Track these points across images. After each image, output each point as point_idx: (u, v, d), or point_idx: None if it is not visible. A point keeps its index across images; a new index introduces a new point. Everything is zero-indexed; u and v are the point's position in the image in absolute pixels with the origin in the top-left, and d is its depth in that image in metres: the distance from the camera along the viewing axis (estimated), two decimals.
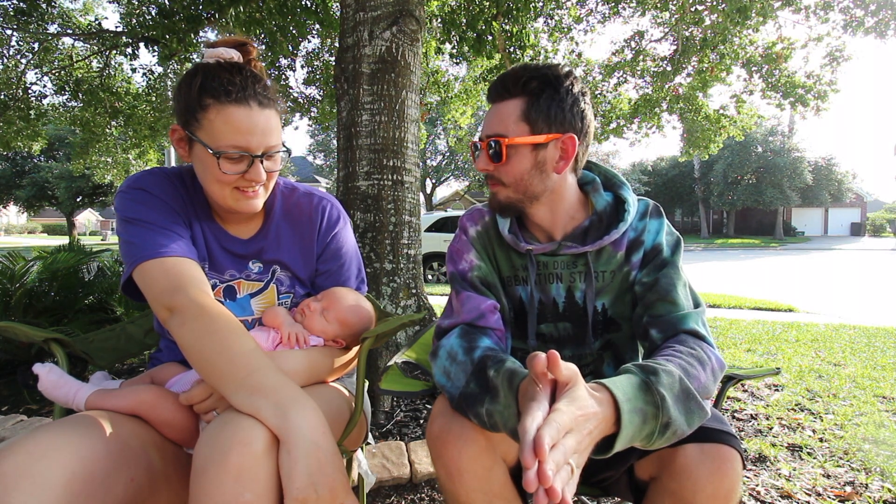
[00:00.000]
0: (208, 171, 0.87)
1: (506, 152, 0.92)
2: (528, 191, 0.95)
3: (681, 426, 0.71)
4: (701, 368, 0.79)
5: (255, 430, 0.70)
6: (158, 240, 0.87)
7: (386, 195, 2.22)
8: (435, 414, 0.88)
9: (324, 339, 1.00)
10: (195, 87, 0.85)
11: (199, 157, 0.88)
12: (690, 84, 6.40)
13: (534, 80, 0.91)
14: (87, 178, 18.50)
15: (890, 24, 4.88)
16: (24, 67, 6.57)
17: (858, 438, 2.12)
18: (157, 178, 0.95)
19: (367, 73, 2.21)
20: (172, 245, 0.87)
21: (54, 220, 45.32)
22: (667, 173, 37.59)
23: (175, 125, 0.90)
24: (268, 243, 1.03)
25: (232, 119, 0.84)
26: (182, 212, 0.95)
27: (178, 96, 0.88)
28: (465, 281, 1.02)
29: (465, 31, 4.61)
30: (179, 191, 0.97)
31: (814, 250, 22.26)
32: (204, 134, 0.85)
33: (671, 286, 0.92)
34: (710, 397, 0.80)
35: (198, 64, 0.89)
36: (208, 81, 0.84)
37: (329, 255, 1.08)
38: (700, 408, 0.74)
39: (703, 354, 0.82)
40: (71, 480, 0.63)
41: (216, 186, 0.89)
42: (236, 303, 1.01)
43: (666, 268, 0.95)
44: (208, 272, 0.99)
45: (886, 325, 4.91)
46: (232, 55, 0.90)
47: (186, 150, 0.91)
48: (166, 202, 0.93)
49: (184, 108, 0.87)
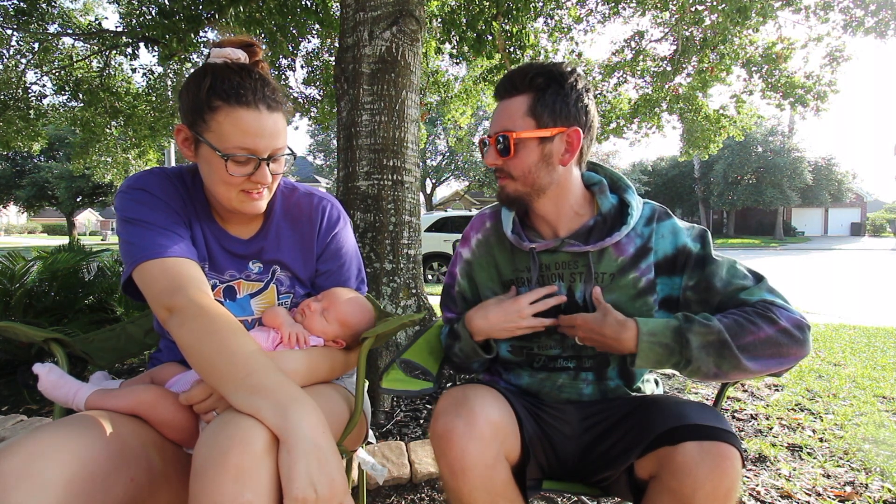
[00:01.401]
0: (215, 172, 0.88)
1: (514, 146, 0.96)
2: (535, 183, 0.99)
3: (708, 367, 0.86)
4: (764, 324, 0.87)
5: (254, 430, 0.70)
6: (158, 240, 0.87)
7: (386, 195, 2.22)
8: (438, 412, 0.88)
9: (324, 339, 1.00)
10: (204, 89, 0.84)
11: (205, 157, 0.88)
12: (690, 84, 6.40)
13: (539, 77, 0.94)
14: (87, 178, 18.49)
15: (890, 24, 4.88)
16: (24, 67, 6.57)
17: (858, 438, 2.12)
18: (158, 179, 0.95)
19: (367, 73, 2.21)
20: (173, 246, 0.87)
21: (54, 220, 45.31)
22: (667, 173, 37.58)
23: (181, 125, 0.89)
24: (268, 243, 1.03)
25: (241, 122, 0.84)
26: (182, 212, 0.95)
27: (185, 96, 0.87)
28: (449, 295, 1.20)
29: (465, 31, 4.60)
30: (179, 191, 0.97)
31: (814, 250, 22.25)
32: (212, 135, 0.85)
33: (724, 281, 0.95)
34: (786, 353, 0.87)
35: (206, 64, 0.89)
36: (218, 83, 0.84)
37: (329, 255, 1.08)
38: (734, 357, 0.85)
39: (773, 314, 0.88)
40: (70, 481, 0.63)
41: (222, 188, 0.89)
42: (236, 303, 1.01)
43: (707, 266, 0.97)
44: (208, 272, 0.98)
45: (886, 325, 4.91)
46: (239, 56, 0.90)
47: (192, 151, 0.90)
48: (167, 202, 0.93)
49: (191, 108, 0.86)
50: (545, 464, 1.01)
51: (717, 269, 0.96)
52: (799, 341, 0.87)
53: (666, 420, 0.83)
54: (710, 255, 0.98)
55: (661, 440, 0.81)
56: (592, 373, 1.05)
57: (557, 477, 1.04)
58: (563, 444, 1.02)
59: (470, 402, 0.87)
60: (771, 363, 0.86)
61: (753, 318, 0.87)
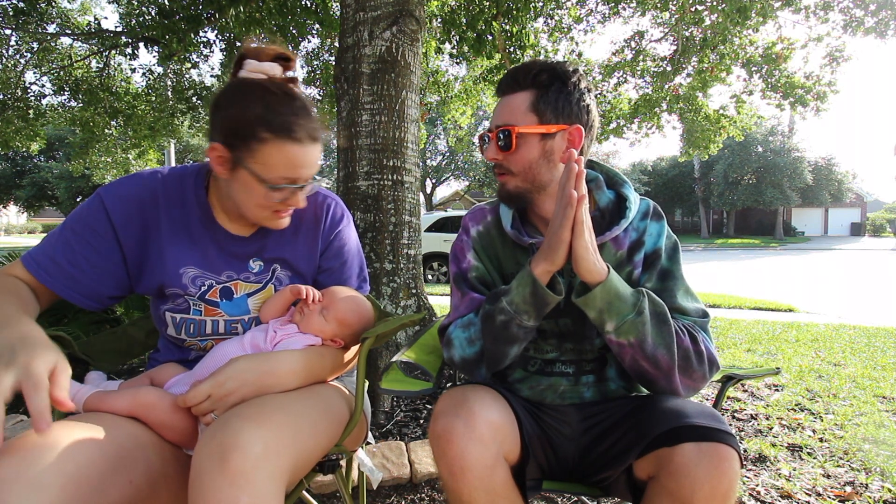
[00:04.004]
0: (252, 196, 0.89)
1: (515, 141, 0.96)
2: (535, 180, 0.99)
3: (649, 329, 0.87)
4: (690, 341, 0.91)
5: (252, 433, 0.70)
6: (52, 258, 0.89)
7: (386, 195, 2.22)
8: (438, 412, 0.88)
9: (322, 338, 1.00)
10: (252, 117, 0.83)
11: (243, 181, 0.88)
12: (690, 84, 6.40)
13: (544, 73, 0.95)
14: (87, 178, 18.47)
15: (890, 24, 4.88)
16: (23, 67, 6.57)
17: (858, 438, 2.12)
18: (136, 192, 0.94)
19: (367, 73, 2.21)
20: (56, 273, 0.89)
21: (54, 220, 45.29)
22: (667, 173, 37.57)
23: (217, 144, 0.86)
24: (270, 240, 1.03)
25: (288, 155, 0.85)
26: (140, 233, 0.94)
27: (226, 117, 0.86)
28: (466, 281, 1.07)
29: (465, 31, 4.60)
30: (173, 197, 0.96)
31: (814, 250, 22.26)
32: (256, 164, 0.85)
33: (668, 295, 0.98)
34: (693, 374, 0.91)
35: (250, 85, 0.86)
36: (268, 115, 0.83)
37: (332, 253, 1.08)
38: (669, 335, 0.88)
39: (698, 337, 0.93)
40: (67, 484, 0.63)
41: (256, 210, 0.91)
42: (233, 302, 1.00)
43: (668, 279, 1.00)
44: (203, 275, 0.97)
45: (886, 325, 4.91)
46: (276, 72, 0.89)
47: (227, 171, 0.88)
48: (119, 228, 0.92)
49: (234, 132, 0.84)
50: (545, 464, 1.01)
51: (674, 287, 0.99)
52: (703, 373, 0.92)
53: (664, 421, 0.83)
54: (673, 271, 1.01)
55: (659, 441, 0.81)
56: (593, 375, 1.05)
57: (557, 477, 1.03)
58: (563, 444, 1.02)
59: (469, 402, 0.86)
60: (672, 368, 0.90)
61: (683, 329, 0.93)
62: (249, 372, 0.85)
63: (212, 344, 1.00)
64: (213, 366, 0.89)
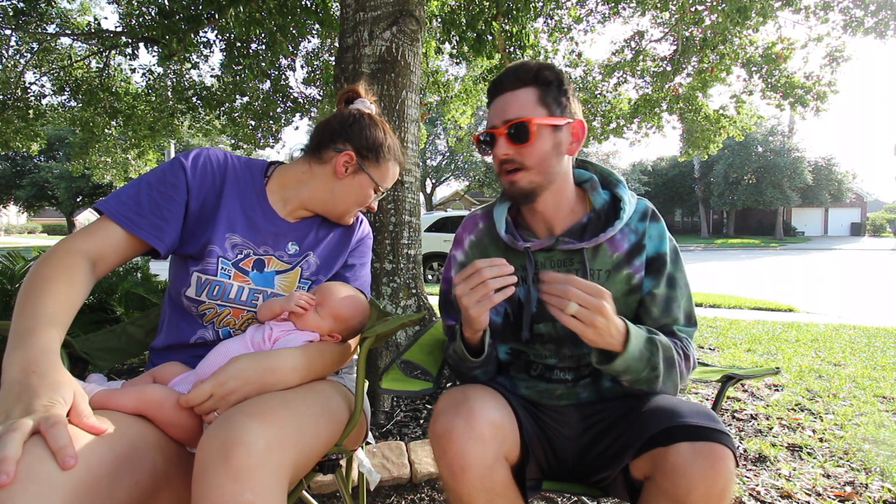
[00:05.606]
0: (359, 195, 1.12)
1: (533, 132, 0.96)
2: (548, 172, 0.99)
3: (661, 378, 0.92)
4: (683, 360, 0.97)
5: (255, 430, 0.70)
6: (134, 209, 0.94)
7: (386, 195, 2.22)
8: (438, 412, 0.88)
9: (319, 334, 1.00)
10: (384, 144, 1.11)
11: (358, 182, 1.10)
12: (690, 84, 6.40)
13: (546, 70, 0.97)
14: (87, 178, 18.50)
15: (890, 24, 4.89)
16: (23, 67, 6.57)
17: (858, 438, 2.12)
18: (215, 160, 1.05)
19: (367, 73, 2.21)
20: (137, 223, 0.94)
21: (54, 220, 45.28)
22: (667, 173, 37.57)
23: (350, 153, 1.08)
24: (311, 231, 1.12)
25: (393, 173, 1.17)
26: (211, 190, 1.02)
27: (361, 135, 1.09)
28: (446, 303, 1.16)
29: (465, 31, 4.60)
30: (240, 175, 1.07)
31: (814, 250, 22.26)
32: (376, 173, 1.12)
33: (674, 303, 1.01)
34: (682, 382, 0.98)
35: (373, 118, 1.14)
36: (392, 145, 1.14)
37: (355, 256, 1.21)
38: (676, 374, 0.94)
39: (690, 357, 0.98)
40: (77, 485, 0.63)
41: (354, 206, 1.13)
42: (262, 274, 1.04)
43: (675, 287, 1.01)
44: (245, 244, 1.03)
45: (886, 325, 4.91)
46: (372, 109, 1.17)
47: (347, 172, 1.09)
48: (198, 185, 1.01)
49: (366, 147, 1.09)
50: (545, 464, 1.01)
51: (679, 296, 1.01)
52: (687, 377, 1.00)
53: (659, 420, 0.83)
54: (678, 279, 1.02)
55: (654, 441, 0.81)
56: (589, 378, 1.05)
57: (557, 477, 1.04)
58: (563, 444, 1.02)
59: (470, 402, 0.87)
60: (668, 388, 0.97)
61: (679, 352, 0.96)
62: (251, 370, 0.86)
63: (228, 311, 1.01)
64: (216, 363, 0.90)
